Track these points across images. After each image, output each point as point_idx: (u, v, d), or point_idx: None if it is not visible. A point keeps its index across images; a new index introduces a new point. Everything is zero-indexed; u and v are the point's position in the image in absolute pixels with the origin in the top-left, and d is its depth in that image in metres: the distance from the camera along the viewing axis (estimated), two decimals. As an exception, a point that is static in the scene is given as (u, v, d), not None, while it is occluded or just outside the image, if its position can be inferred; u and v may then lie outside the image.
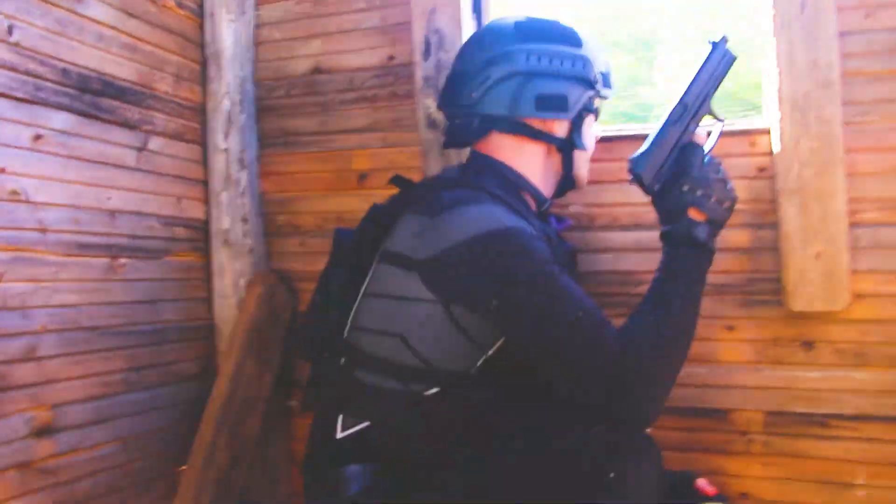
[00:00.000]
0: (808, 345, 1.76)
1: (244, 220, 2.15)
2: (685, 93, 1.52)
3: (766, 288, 1.80)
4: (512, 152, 1.54)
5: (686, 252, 1.39)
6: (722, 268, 1.83)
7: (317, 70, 2.21)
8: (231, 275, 2.12)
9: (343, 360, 1.45)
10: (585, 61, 1.54)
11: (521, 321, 1.31)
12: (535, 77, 1.50)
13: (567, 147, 1.57)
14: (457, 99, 1.56)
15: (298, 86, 2.23)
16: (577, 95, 1.53)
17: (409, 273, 1.38)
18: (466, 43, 1.63)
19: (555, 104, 1.51)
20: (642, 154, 1.49)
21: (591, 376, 1.26)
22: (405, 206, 1.47)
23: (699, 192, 1.43)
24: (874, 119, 1.78)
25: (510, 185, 1.51)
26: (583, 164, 1.63)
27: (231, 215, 2.15)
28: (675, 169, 1.47)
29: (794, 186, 1.75)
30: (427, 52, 1.99)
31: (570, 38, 1.56)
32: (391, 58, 2.11)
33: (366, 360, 1.41)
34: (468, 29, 1.99)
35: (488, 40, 1.55)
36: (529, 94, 1.49)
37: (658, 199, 1.49)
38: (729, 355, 1.81)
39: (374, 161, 2.13)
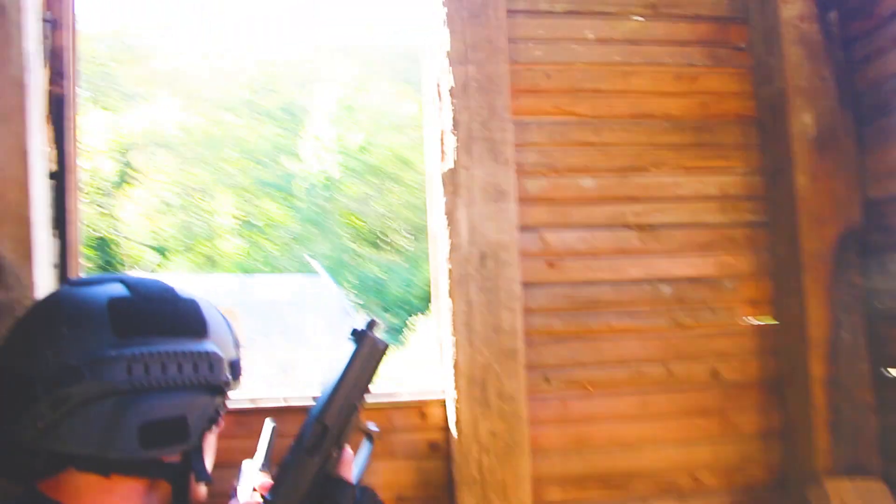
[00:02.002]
0: None
1: None
2: (323, 409, 1.13)
3: None
4: (98, 495, 1.04)
5: None
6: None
7: None
8: None
9: None
10: (214, 358, 1.04)
11: None
12: (141, 397, 0.97)
13: (182, 475, 1.12)
14: (7, 424, 1.02)
15: None
16: (201, 410, 1.04)
17: None
18: (28, 323, 1.06)
19: (170, 433, 1.00)
20: (275, 492, 1.11)
21: None
22: None
23: None
24: (555, 386, 1.57)
25: None
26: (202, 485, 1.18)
27: None
28: None
29: (474, 476, 1.48)
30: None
31: (190, 325, 1.04)
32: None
33: None
34: (43, 257, 1.45)
35: (66, 332, 1.00)
36: (131, 423, 0.96)
37: None
38: None
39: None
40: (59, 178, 1.51)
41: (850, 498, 1.43)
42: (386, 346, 1.19)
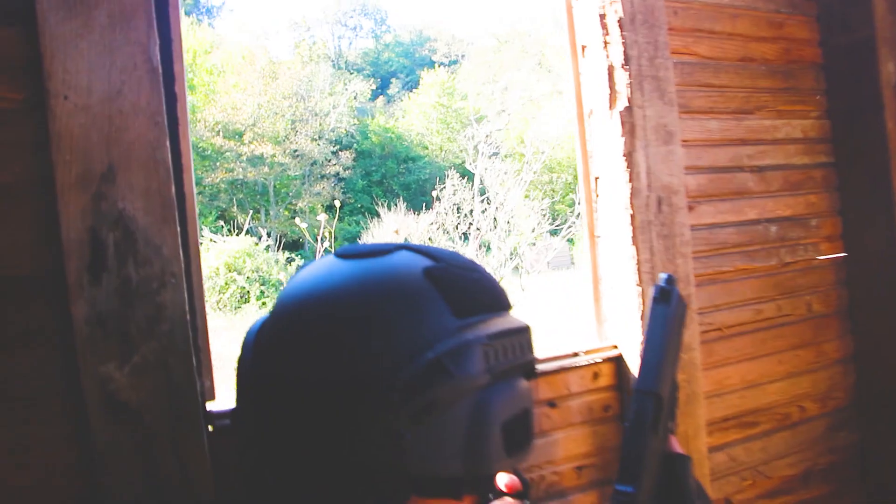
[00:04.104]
0: None
1: None
2: (656, 381, 1.00)
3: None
4: None
5: None
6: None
7: None
8: None
9: None
10: (530, 335, 0.82)
11: None
12: (494, 392, 0.73)
13: (491, 486, 0.88)
14: (352, 448, 0.70)
15: None
16: (529, 398, 0.80)
17: None
18: (328, 316, 0.71)
19: (522, 432, 0.77)
20: (632, 487, 0.94)
21: None
22: None
23: None
24: (700, 330, 1.56)
25: None
26: None
27: None
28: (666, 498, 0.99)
29: (663, 433, 1.41)
30: (99, 266, 0.97)
31: (503, 297, 0.82)
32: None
33: None
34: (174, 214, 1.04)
35: (399, 319, 0.70)
36: (494, 425, 0.73)
37: None
38: None
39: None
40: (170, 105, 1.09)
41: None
42: (686, 305, 1.07)
